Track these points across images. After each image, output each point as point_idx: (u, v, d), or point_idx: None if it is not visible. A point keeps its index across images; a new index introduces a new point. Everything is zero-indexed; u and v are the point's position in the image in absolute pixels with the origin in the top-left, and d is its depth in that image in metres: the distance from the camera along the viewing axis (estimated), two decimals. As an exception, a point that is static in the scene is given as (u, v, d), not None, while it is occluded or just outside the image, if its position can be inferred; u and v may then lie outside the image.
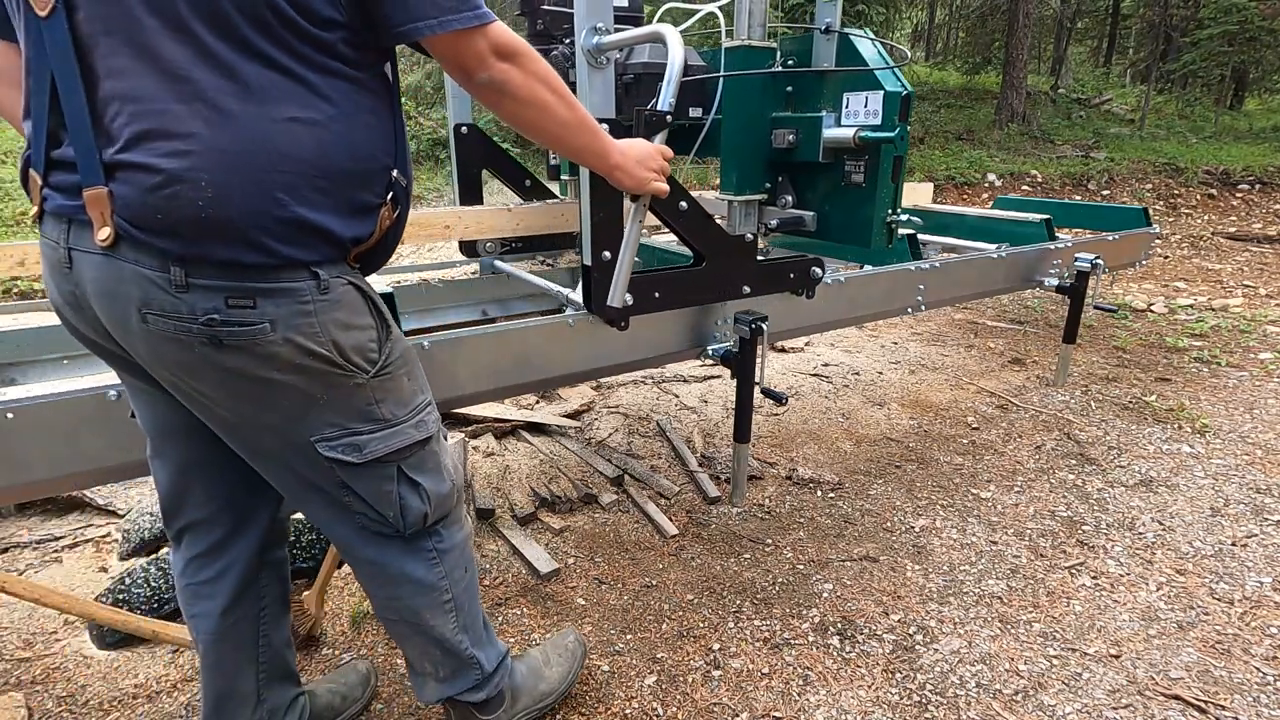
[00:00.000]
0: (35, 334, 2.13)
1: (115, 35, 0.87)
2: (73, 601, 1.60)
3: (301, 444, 1.06)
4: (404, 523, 1.18)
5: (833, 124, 2.32)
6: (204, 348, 0.94)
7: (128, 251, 0.90)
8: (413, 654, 1.33)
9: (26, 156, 0.97)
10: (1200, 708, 1.56)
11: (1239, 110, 14.33)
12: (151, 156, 0.86)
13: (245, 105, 0.89)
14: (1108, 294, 4.98)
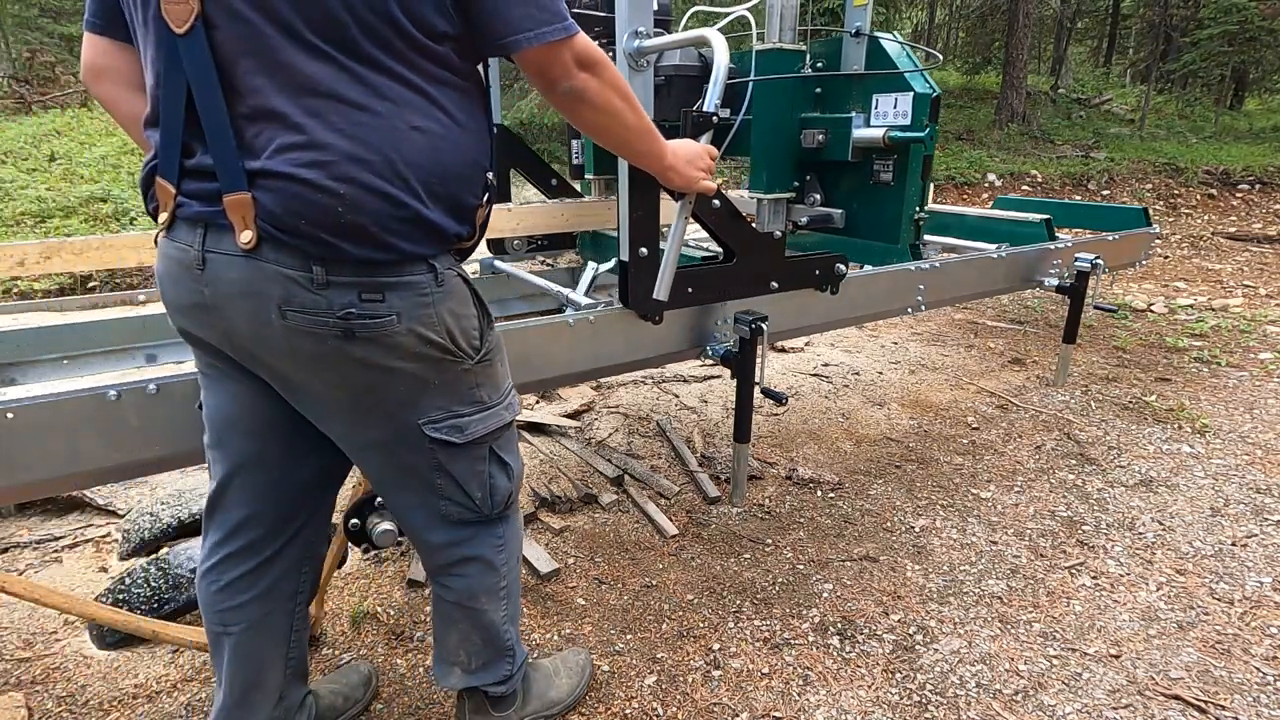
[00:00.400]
0: (35, 334, 2.13)
1: (254, 55, 0.93)
2: (73, 601, 1.60)
3: (409, 428, 1.12)
4: (491, 502, 1.25)
5: (862, 124, 2.39)
6: (337, 340, 1.01)
7: (269, 253, 0.97)
8: (451, 640, 1.35)
9: (153, 165, 1.03)
10: (1200, 708, 1.56)
11: (1239, 110, 14.33)
12: (294, 167, 0.93)
13: (375, 118, 0.96)
14: (1108, 294, 4.98)
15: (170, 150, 0.99)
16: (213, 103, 0.94)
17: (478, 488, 1.22)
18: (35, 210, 5.80)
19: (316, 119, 0.94)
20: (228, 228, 0.97)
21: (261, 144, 0.94)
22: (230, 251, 0.98)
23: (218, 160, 0.95)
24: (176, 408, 1.43)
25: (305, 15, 0.91)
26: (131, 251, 2.17)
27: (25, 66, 12.42)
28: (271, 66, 0.93)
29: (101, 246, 2.13)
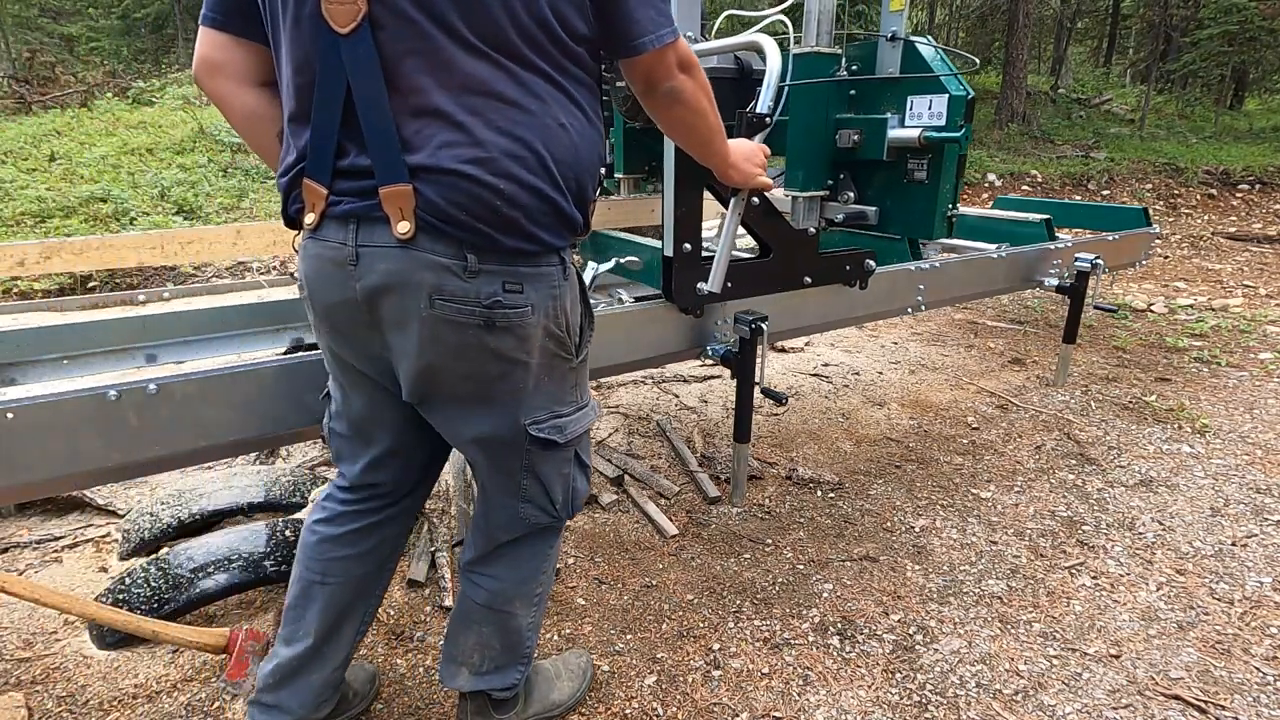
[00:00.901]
0: (35, 334, 2.13)
1: (418, 55, 0.96)
2: (73, 601, 1.60)
3: (516, 427, 1.17)
4: (571, 507, 1.31)
5: (897, 125, 2.45)
6: (477, 330, 1.05)
7: (425, 242, 1.00)
8: (468, 641, 1.36)
9: (299, 167, 1.05)
10: (1200, 708, 1.56)
11: (1239, 110, 14.32)
12: (457, 163, 0.98)
13: (528, 115, 1.01)
14: (1108, 294, 4.98)
15: (323, 150, 1.02)
16: (376, 101, 0.97)
17: (561, 491, 1.27)
18: (35, 210, 5.80)
19: (477, 117, 0.98)
20: (382, 220, 1.00)
21: (423, 140, 0.98)
22: (385, 243, 1.01)
23: (376, 155, 0.98)
24: (176, 408, 1.43)
25: (468, 18, 0.95)
26: (131, 251, 2.17)
27: (25, 66, 12.42)
28: (434, 66, 0.96)
29: (101, 246, 2.13)
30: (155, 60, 14.64)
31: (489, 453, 1.21)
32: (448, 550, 2.08)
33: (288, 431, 1.59)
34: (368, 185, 1.00)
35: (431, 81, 0.97)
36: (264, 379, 1.52)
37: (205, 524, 2.10)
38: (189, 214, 6.38)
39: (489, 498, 1.29)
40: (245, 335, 2.44)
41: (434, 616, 1.85)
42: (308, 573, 1.32)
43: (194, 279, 5.40)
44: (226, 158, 7.62)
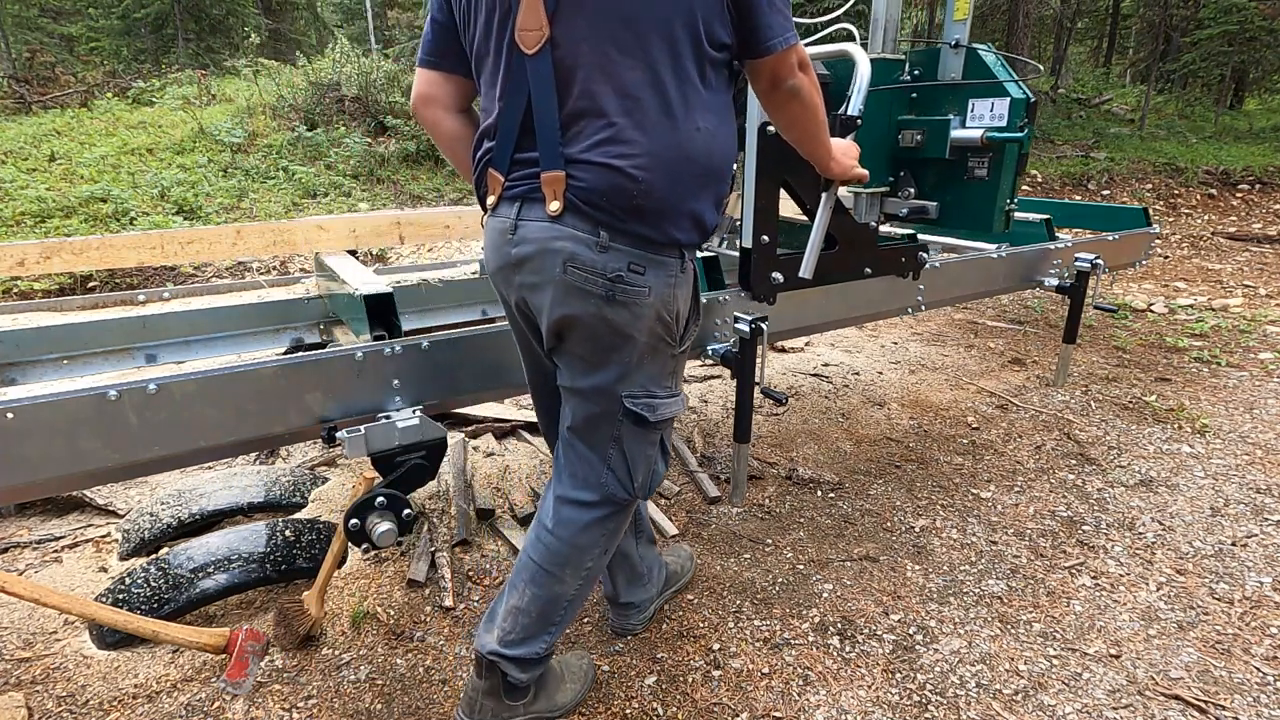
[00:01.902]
0: (35, 334, 2.13)
1: (585, 67, 1.15)
2: (73, 601, 1.60)
3: (615, 396, 1.31)
4: (649, 486, 1.43)
5: (958, 126, 2.64)
6: (599, 300, 1.22)
7: (569, 219, 1.20)
8: (510, 602, 1.45)
9: (488, 159, 1.28)
10: (1200, 708, 1.56)
11: (1239, 110, 14.32)
12: (605, 157, 1.16)
13: (672, 120, 1.18)
14: (1108, 294, 4.98)
15: (504, 146, 1.24)
16: (548, 105, 1.17)
17: (642, 470, 1.40)
18: (35, 210, 5.80)
19: (627, 118, 1.16)
20: (539, 200, 1.21)
21: (580, 136, 1.17)
22: (538, 218, 1.22)
23: (543, 147, 1.19)
24: (176, 408, 1.43)
25: (628, 35, 1.13)
26: (131, 251, 2.17)
27: (25, 66, 12.43)
28: (597, 76, 1.15)
29: (101, 246, 2.13)
30: (155, 60, 14.64)
31: (588, 414, 1.35)
32: (448, 550, 2.08)
33: (288, 431, 1.59)
34: (533, 172, 1.21)
35: (595, 89, 1.15)
36: (264, 379, 1.52)
37: (205, 524, 2.10)
38: (189, 214, 6.38)
39: (578, 457, 1.41)
40: (245, 335, 2.44)
41: (434, 616, 1.85)
42: None
43: (194, 279, 5.40)
44: (226, 158, 7.62)
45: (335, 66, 9.55)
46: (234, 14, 16.03)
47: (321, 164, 8.03)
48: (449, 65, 1.35)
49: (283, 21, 17.37)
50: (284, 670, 1.67)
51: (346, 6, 19.41)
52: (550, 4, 1.14)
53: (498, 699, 1.45)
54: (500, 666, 1.43)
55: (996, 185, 2.62)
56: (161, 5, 14.84)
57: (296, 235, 2.32)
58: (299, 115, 8.83)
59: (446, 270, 2.90)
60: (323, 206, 7.20)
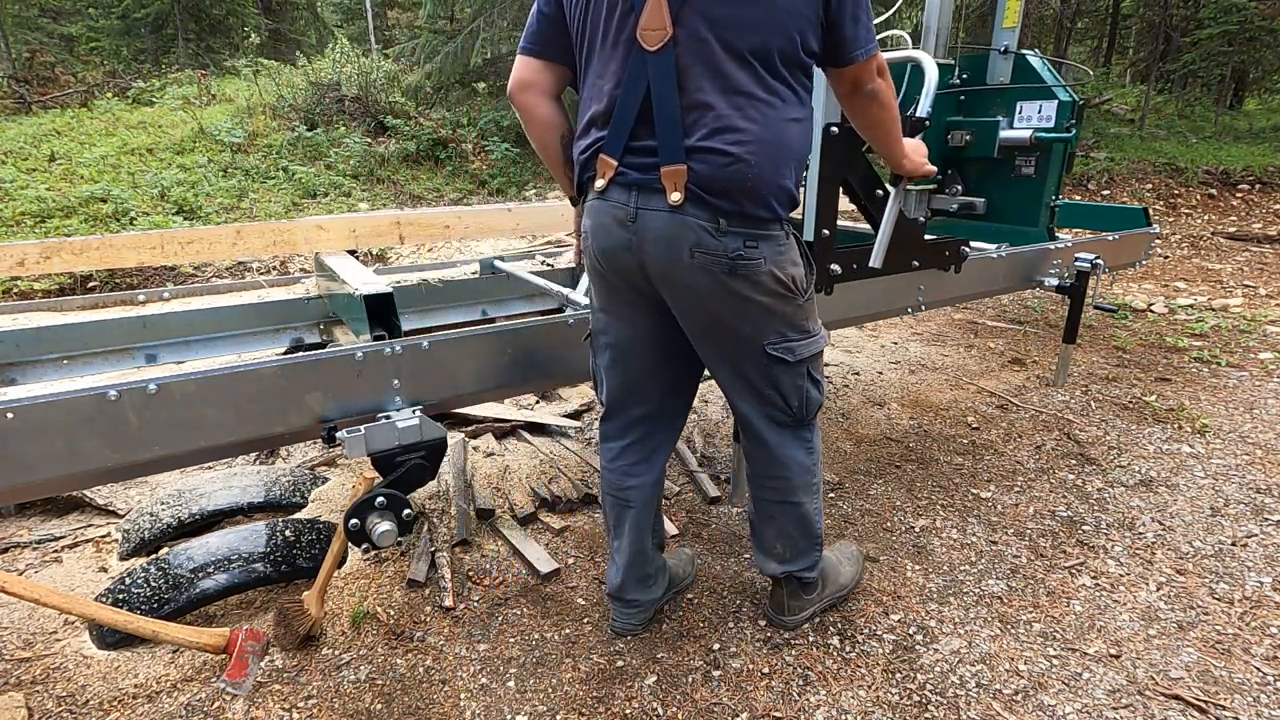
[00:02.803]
0: (35, 334, 2.13)
1: (701, 64, 1.30)
2: (73, 601, 1.60)
3: (756, 347, 1.49)
4: (806, 411, 1.61)
5: (1007, 126, 2.80)
6: (724, 275, 1.38)
7: (690, 209, 1.34)
8: (771, 533, 1.71)
9: (597, 146, 1.41)
10: (1200, 708, 1.56)
11: (1239, 110, 14.31)
12: (723, 144, 1.30)
13: (773, 111, 1.34)
14: (1108, 294, 4.98)
15: (619, 134, 1.37)
16: (669, 99, 1.31)
17: (796, 399, 1.58)
18: (35, 210, 5.80)
19: (738, 111, 1.31)
20: (659, 191, 1.35)
21: (697, 127, 1.31)
22: (659, 208, 1.36)
23: (662, 140, 1.32)
24: (176, 408, 1.43)
25: (741, 38, 1.29)
26: (131, 251, 2.17)
27: (25, 66, 12.42)
28: (712, 73, 1.30)
29: (101, 246, 2.13)
30: (155, 60, 14.63)
31: (737, 367, 1.54)
32: (448, 550, 2.08)
33: (288, 431, 1.59)
34: (650, 163, 1.35)
35: (707, 84, 1.30)
36: (264, 379, 1.52)
37: (205, 524, 2.10)
38: (189, 214, 6.38)
39: (743, 407, 1.60)
40: (245, 335, 2.44)
41: (434, 616, 1.85)
42: (613, 499, 1.71)
43: (194, 279, 5.40)
44: (226, 158, 7.62)
45: (335, 66, 9.56)
46: (234, 14, 16.03)
47: (321, 164, 8.03)
48: (552, 54, 1.48)
49: (283, 21, 17.36)
50: (284, 670, 1.67)
51: (346, 6, 19.41)
52: (674, 7, 1.28)
53: (799, 597, 1.76)
54: (794, 576, 1.72)
55: (1043, 182, 2.80)
56: (161, 5, 14.83)
57: (296, 235, 2.33)
58: (299, 115, 8.84)
59: (446, 270, 2.90)
60: (323, 206, 7.20)
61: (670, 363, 1.62)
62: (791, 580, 1.74)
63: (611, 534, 1.75)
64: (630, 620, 1.78)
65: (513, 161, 9.07)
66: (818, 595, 1.80)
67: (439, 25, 10.08)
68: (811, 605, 1.80)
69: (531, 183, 8.95)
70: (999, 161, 2.88)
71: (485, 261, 2.85)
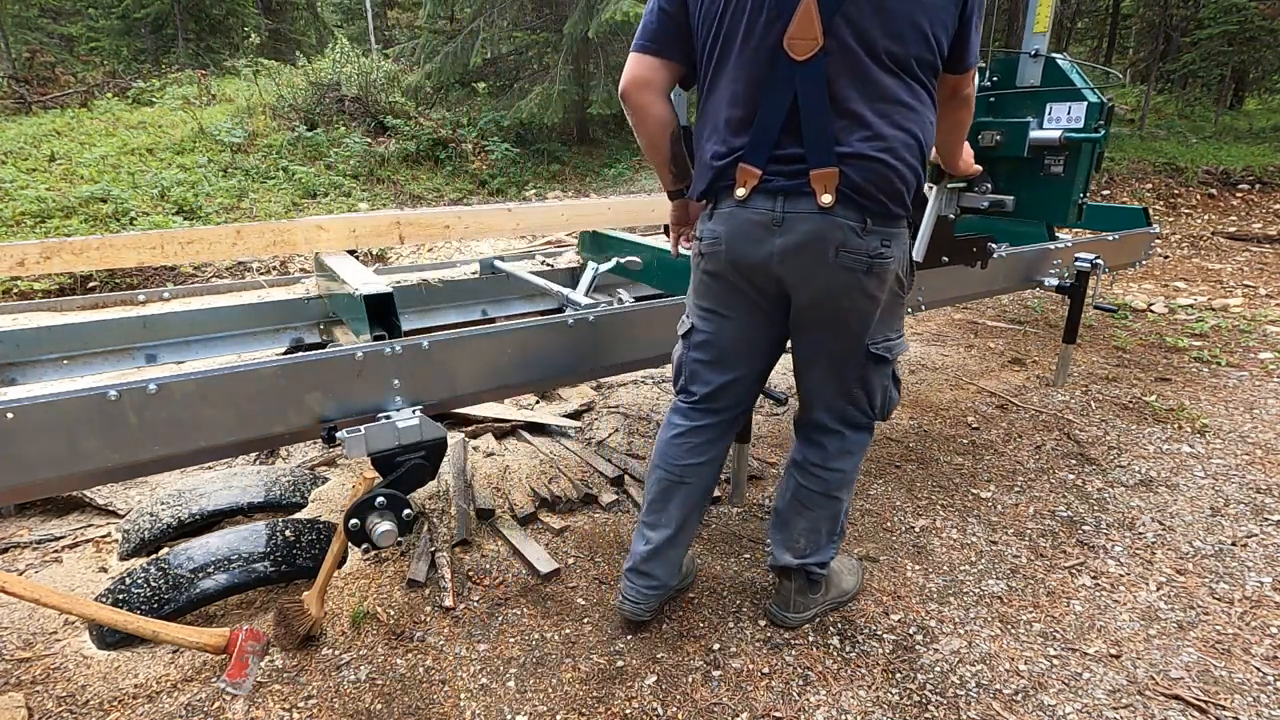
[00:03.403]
0: (35, 334, 2.13)
1: (849, 73, 1.34)
2: (73, 601, 1.60)
3: (860, 346, 1.55)
4: (884, 412, 1.69)
5: (1037, 127, 2.91)
6: (860, 274, 1.44)
7: (840, 210, 1.39)
8: (801, 524, 1.72)
9: (737, 155, 1.43)
10: (1200, 708, 1.56)
11: (1239, 110, 14.31)
12: (872, 150, 1.36)
13: (915, 115, 1.40)
14: (1108, 294, 4.98)
15: (763, 143, 1.40)
16: (818, 108, 1.35)
17: (880, 398, 1.65)
18: (35, 210, 5.80)
19: (884, 119, 1.36)
20: (808, 194, 1.39)
21: (847, 134, 1.36)
22: (808, 210, 1.40)
23: (811, 146, 1.37)
24: (176, 408, 1.43)
25: (888, 48, 1.34)
26: (131, 251, 2.17)
27: (25, 66, 12.42)
28: (860, 81, 1.35)
29: (101, 246, 2.13)
30: (155, 60, 14.63)
31: (836, 364, 1.59)
32: (448, 550, 2.08)
33: (288, 431, 1.59)
34: (798, 169, 1.38)
35: (855, 93, 1.35)
36: (264, 379, 1.52)
37: (205, 524, 2.10)
38: (189, 214, 6.38)
39: (825, 404, 1.66)
40: (245, 335, 2.44)
41: (434, 616, 1.85)
42: (668, 475, 1.71)
43: (194, 279, 5.40)
44: (226, 158, 7.62)
45: (335, 66, 9.56)
46: (234, 14, 16.03)
47: (321, 164, 8.03)
48: (670, 53, 1.49)
49: (283, 21, 17.36)
50: (284, 670, 1.67)
51: (346, 6, 19.41)
52: (826, 17, 1.31)
53: (805, 595, 1.78)
54: (805, 570, 1.73)
55: (1071, 180, 2.88)
56: (161, 5, 14.83)
57: (296, 235, 2.32)
58: (299, 115, 8.84)
59: (446, 270, 2.90)
60: (323, 206, 7.20)
61: (765, 363, 1.69)
62: (802, 575, 1.74)
63: (651, 508, 1.74)
64: (645, 597, 1.74)
65: (513, 161, 9.07)
66: (820, 597, 1.81)
67: (439, 25, 10.08)
68: (814, 606, 1.81)
69: (531, 183, 8.95)
70: (1028, 161, 2.97)
71: (485, 261, 2.85)
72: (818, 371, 1.62)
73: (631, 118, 1.57)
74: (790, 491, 1.74)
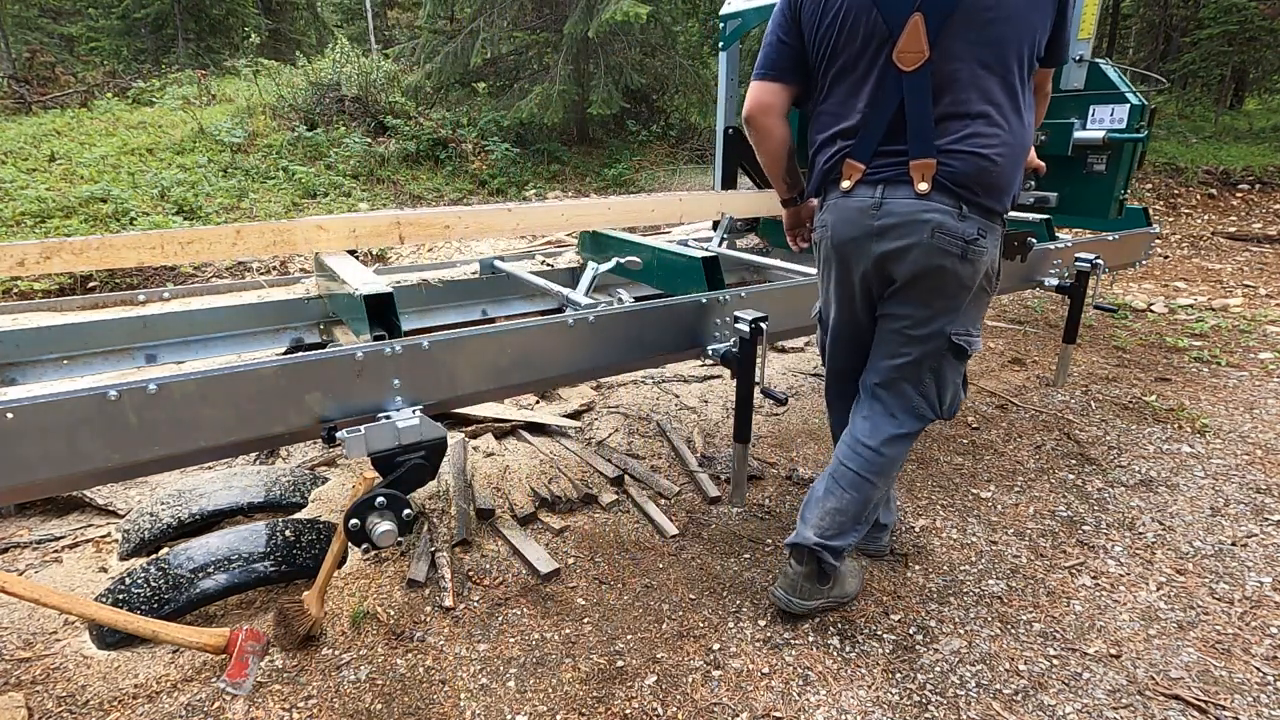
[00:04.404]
0: (35, 334, 2.13)
1: (953, 79, 1.50)
2: (73, 601, 1.60)
3: (943, 334, 1.66)
4: (951, 408, 1.78)
5: (1080, 128, 3.09)
6: (954, 258, 1.56)
7: (935, 196, 1.54)
8: (831, 503, 1.77)
9: (846, 152, 1.61)
10: (1200, 708, 1.56)
11: (1239, 110, 14.31)
12: (974, 147, 1.51)
13: (1014, 116, 1.55)
14: (1108, 294, 4.98)
15: (868, 142, 1.58)
16: (923, 110, 1.52)
17: (950, 395, 1.75)
18: (35, 210, 5.80)
19: (984, 118, 1.51)
20: (906, 181, 1.55)
21: (949, 131, 1.52)
22: (905, 196, 1.55)
23: (913, 141, 1.53)
24: (176, 408, 1.44)
25: (989, 55, 1.49)
26: (131, 251, 2.17)
27: (25, 66, 12.42)
28: (963, 85, 1.50)
29: (101, 246, 2.13)
30: (155, 60, 14.63)
31: (916, 354, 1.68)
32: (448, 550, 2.08)
33: (288, 431, 1.59)
34: (899, 160, 1.55)
35: (959, 96, 1.50)
36: (264, 379, 1.52)
37: (205, 524, 2.10)
38: (189, 214, 6.38)
39: (894, 385, 1.74)
40: (245, 335, 2.44)
41: (434, 616, 1.85)
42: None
43: (194, 279, 5.40)
44: (226, 158, 7.62)
45: (335, 66, 9.56)
46: (234, 14, 16.03)
47: (321, 164, 8.03)
48: (789, 78, 1.68)
49: (283, 21, 17.37)
50: (284, 670, 1.67)
51: (346, 6, 19.41)
52: (932, 33, 1.48)
53: (813, 582, 1.78)
54: (819, 555, 1.74)
55: (1113, 178, 3.06)
56: (161, 5, 14.83)
57: (296, 235, 2.32)
58: (299, 115, 8.84)
59: (446, 270, 2.90)
60: (323, 206, 7.20)
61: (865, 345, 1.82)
62: (815, 557, 1.76)
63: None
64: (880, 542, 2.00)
65: (513, 161, 9.07)
66: (826, 590, 1.82)
67: (439, 25, 10.08)
68: (819, 598, 1.81)
69: (531, 183, 8.95)
70: (1069, 159, 3.11)
71: (485, 261, 2.85)
72: (897, 350, 1.70)
73: (754, 138, 1.76)
74: (830, 470, 1.82)
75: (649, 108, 11.17)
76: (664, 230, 4.10)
